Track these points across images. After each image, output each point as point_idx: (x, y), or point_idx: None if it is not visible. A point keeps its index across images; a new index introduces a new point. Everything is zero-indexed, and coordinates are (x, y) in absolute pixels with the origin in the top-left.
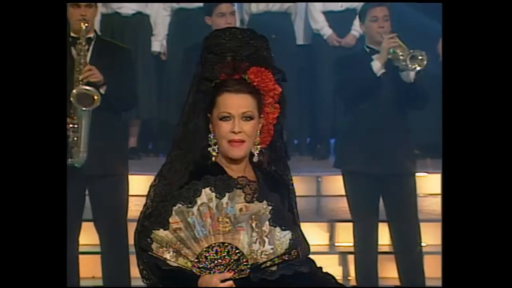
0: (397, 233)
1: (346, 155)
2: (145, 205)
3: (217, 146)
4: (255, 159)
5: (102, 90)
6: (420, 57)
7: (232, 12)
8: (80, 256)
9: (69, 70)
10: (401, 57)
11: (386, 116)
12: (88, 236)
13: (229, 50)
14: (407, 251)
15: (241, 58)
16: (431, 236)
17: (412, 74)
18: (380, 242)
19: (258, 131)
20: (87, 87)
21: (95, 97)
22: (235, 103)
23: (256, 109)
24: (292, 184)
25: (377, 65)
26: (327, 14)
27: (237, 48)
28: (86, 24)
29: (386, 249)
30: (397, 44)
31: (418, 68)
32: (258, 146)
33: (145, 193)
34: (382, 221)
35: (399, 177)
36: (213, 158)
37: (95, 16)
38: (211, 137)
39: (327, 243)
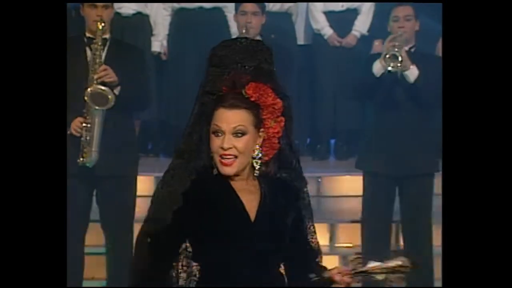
0: (411, 234)
1: (368, 156)
2: (149, 210)
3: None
4: (256, 173)
5: (116, 91)
6: (399, 59)
7: (255, 12)
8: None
9: (84, 70)
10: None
11: (405, 117)
12: (90, 236)
13: (232, 63)
14: (420, 252)
15: (243, 71)
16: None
17: (412, 75)
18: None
19: (258, 145)
20: (102, 87)
21: (109, 97)
22: (227, 118)
23: (251, 124)
24: (305, 191)
25: (377, 66)
26: (328, 14)
27: (239, 60)
28: (103, 24)
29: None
30: (396, 45)
31: (390, 69)
32: (259, 160)
33: (145, 193)
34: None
35: (419, 178)
36: (215, 171)
37: (111, 17)
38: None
39: (327, 244)
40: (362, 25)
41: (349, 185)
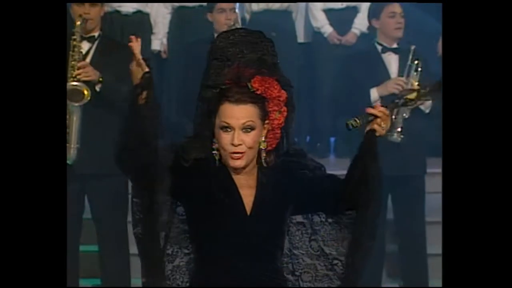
0: (404, 232)
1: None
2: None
3: (219, 152)
4: (265, 164)
5: (97, 88)
6: (400, 130)
7: (232, 9)
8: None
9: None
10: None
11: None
12: (87, 235)
13: (233, 56)
14: (413, 250)
15: (246, 64)
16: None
17: (426, 106)
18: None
19: (263, 137)
20: (76, 83)
21: (85, 93)
22: (236, 114)
23: (258, 117)
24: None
25: (374, 95)
26: (328, 12)
27: (241, 53)
28: (79, 22)
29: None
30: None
31: (394, 137)
32: (264, 150)
33: None
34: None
35: (409, 178)
36: (217, 162)
37: (100, 15)
38: (214, 143)
39: None
40: (361, 23)
41: None
